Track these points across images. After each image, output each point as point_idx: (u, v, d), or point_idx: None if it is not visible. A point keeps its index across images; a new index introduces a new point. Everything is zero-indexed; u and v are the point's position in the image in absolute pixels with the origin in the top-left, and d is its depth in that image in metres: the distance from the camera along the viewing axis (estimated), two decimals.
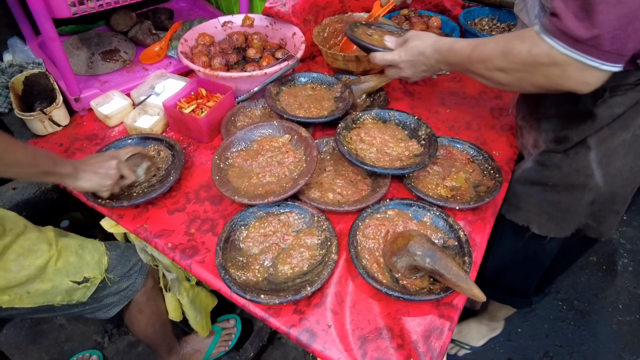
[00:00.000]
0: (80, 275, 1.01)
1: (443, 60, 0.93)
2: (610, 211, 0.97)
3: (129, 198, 1.00)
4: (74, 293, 1.02)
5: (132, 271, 1.13)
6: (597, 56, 0.65)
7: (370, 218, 0.95)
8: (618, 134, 0.87)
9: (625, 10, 0.61)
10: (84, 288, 1.03)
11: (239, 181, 1.00)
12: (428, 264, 0.80)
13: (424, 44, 0.96)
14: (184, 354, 1.52)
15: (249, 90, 1.24)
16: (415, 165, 0.99)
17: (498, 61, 0.79)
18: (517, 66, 0.76)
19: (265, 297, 0.80)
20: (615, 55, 0.65)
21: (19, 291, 0.96)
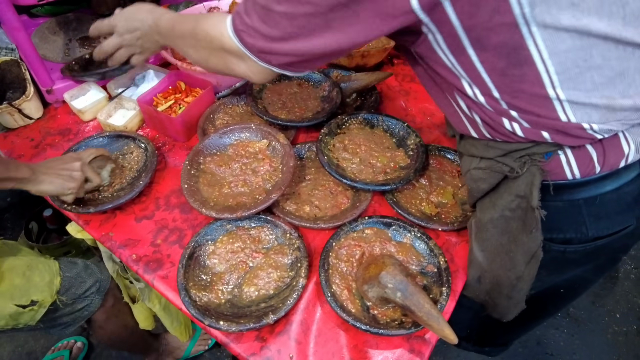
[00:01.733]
0: (27, 298, 0.95)
1: (155, 27, 0.84)
2: (500, 294, 0.84)
3: (96, 203, 0.95)
4: (19, 317, 0.96)
5: (89, 292, 1.08)
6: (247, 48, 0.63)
7: (346, 237, 0.89)
8: (487, 211, 0.77)
9: None
10: (31, 311, 0.97)
11: (209, 190, 0.94)
12: (399, 298, 0.74)
13: (138, 6, 0.88)
14: (163, 351, 1.51)
15: (230, 85, 1.17)
16: (399, 181, 0.92)
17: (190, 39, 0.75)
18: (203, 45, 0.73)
19: (225, 323, 0.75)
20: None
21: None
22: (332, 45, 0.58)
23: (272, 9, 0.56)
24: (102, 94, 1.18)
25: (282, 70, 0.66)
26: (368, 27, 0.55)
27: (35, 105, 1.16)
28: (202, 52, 0.75)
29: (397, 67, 1.36)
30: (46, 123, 1.17)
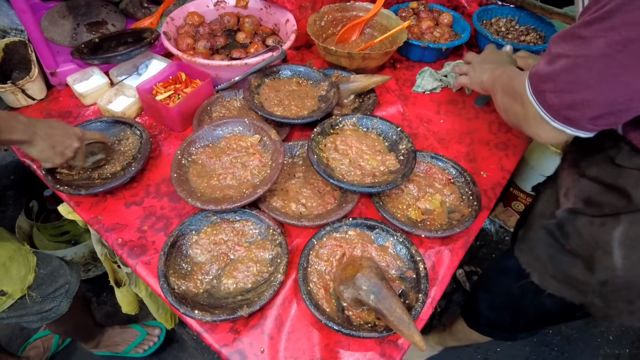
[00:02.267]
0: (1, 287, 0.97)
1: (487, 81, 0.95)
2: (622, 298, 0.83)
3: (88, 186, 0.96)
4: None
5: (58, 293, 1.10)
6: (545, 108, 0.66)
7: (329, 237, 0.89)
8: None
9: (571, 79, 0.61)
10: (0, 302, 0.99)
11: (198, 181, 0.95)
12: (372, 300, 0.74)
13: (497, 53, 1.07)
14: (104, 341, 1.56)
15: (230, 78, 1.18)
16: (386, 184, 0.92)
17: None
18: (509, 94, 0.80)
19: (199, 312, 0.76)
20: (559, 114, 0.65)
21: None
22: None
23: None
24: (105, 80, 1.20)
25: (579, 130, 0.66)
26: None
27: (38, 87, 1.18)
28: (505, 100, 0.81)
29: (399, 72, 1.36)
30: (48, 105, 1.20)
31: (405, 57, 1.41)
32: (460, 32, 1.41)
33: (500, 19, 1.48)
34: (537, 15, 1.43)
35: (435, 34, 1.38)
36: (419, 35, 1.38)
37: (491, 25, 1.47)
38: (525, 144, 1.18)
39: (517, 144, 1.17)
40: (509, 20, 1.48)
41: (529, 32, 1.43)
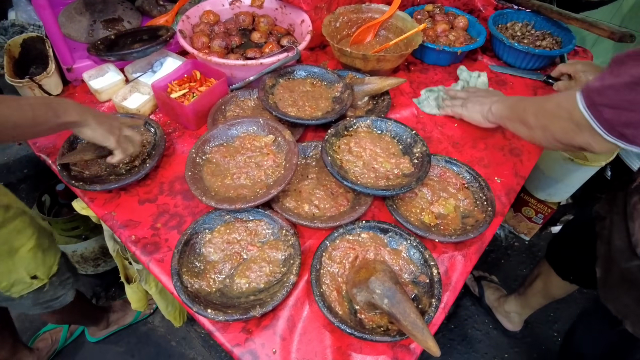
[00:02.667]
0: (35, 272, 1.03)
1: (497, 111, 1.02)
2: None
3: (103, 182, 0.97)
4: (15, 285, 1.03)
5: (66, 283, 1.18)
6: (599, 122, 0.69)
7: (341, 239, 0.89)
8: None
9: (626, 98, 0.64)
10: (26, 285, 1.05)
11: (212, 180, 0.96)
12: (385, 304, 0.74)
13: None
14: (112, 319, 1.67)
15: (244, 78, 1.18)
16: (400, 188, 0.92)
17: None
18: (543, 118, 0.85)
19: (212, 312, 0.76)
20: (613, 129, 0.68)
21: None
22: None
23: None
24: (120, 77, 1.20)
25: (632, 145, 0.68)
26: None
27: (55, 82, 1.19)
28: (543, 120, 0.85)
29: (413, 74, 1.35)
30: None
31: (420, 59, 1.40)
32: (476, 35, 1.40)
33: (515, 23, 1.47)
34: (553, 20, 1.42)
35: (450, 37, 1.38)
36: (434, 38, 1.38)
37: (507, 29, 1.46)
38: (539, 150, 1.17)
39: (531, 150, 1.16)
40: (524, 24, 1.47)
41: (545, 37, 1.42)
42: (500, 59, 1.42)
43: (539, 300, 1.57)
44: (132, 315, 1.73)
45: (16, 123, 0.72)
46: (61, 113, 0.79)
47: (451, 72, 1.36)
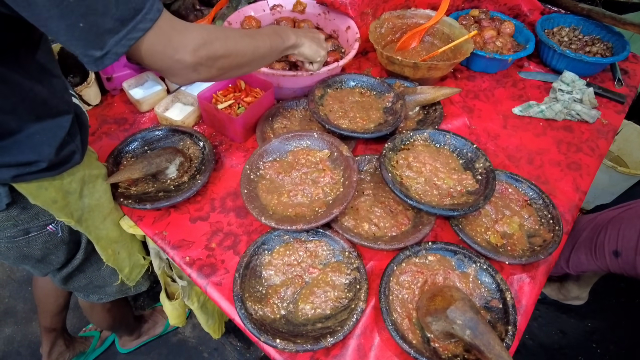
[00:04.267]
0: (143, 252, 1.10)
1: None
2: None
3: (153, 200, 0.93)
4: (134, 270, 1.09)
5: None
6: None
7: (408, 262, 0.85)
8: None
9: None
10: (141, 267, 1.10)
11: (268, 197, 0.92)
12: (468, 336, 0.70)
13: None
14: (144, 330, 1.65)
15: (291, 87, 1.13)
16: (468, 207, 0.87)
17: None
18: None
19: (282, 342, 0.73)
20: None
21: (116, 248, 1.00)
22: None
23: None
24: (160, 86, 1.16)
25: None
26: None
27: (94, 92, 1.15)
28: None
29: (460, 82, 1.31)
30: (102, 110, 1.17)
31: (466, 66, 1.36)
32: (523, 41, 1.35)
33: (562, 27, 1.42)
34: (603, 24, 1.37)
35: (498, 44, 1.33)
36: (482, 45, 1.33)
37: (553, 34, 1.41)
38: (597, 162, 1.13)
39: (589, 163, 1.12)
40: (572, 29, 1.42)
41: (594, 42, 1.37)
42: (548, 65, 1.37)
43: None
44: (162, 325, 1.70)
45: (263, 53, 0.82)
46: (285, 38, 0.90)
47: (499, 80, 1.32)
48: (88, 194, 0.90)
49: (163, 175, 0.98)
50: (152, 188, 0.98)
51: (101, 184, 0.92)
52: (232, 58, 0.75)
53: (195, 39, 0.67)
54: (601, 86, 1.31)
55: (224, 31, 0.75)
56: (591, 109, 1.21)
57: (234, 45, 0.74)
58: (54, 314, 1.42)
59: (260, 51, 0.81)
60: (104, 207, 0.94)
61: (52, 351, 1.52)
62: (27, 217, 0.84)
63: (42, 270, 1.02)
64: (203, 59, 0.68)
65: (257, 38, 0.81)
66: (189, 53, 0.66)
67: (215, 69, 0.73)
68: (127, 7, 0.57)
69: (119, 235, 1.01)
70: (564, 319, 1.82)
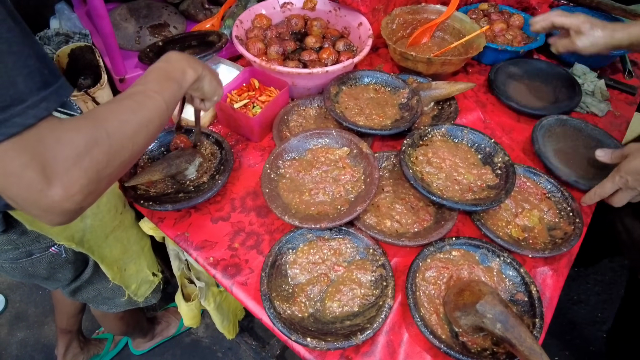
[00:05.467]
0: (153, 269, 1.11)
1: None
2: None
3: (173, 201, 0.93)
4: (142, 286, 1.09)
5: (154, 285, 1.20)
6: None
7: (432, 258, 0.85)
8: None
9: None
10: (149, 283, 1.11)
11: (289, 196, 0.92)
12: (498, 329, 0.70)
13: None
14: (157, 331, 1.67)
15: (305, 86, 1.13)
16: (490, 202, 0.88)
17: None
18: None
19: (312, 340, 0.73)
20: None
21: (122, 265, 1.03)
22: None
23: None
24: None
25: None
26: None
27: (107, 94, 1.14)
28: None
29: (472, 76, 1.31)
30: None
31: (477, 60, 1.36)
32: (533, 34, 1.36)
33: None
34: (612, 16, 1.37)
35: (507, 37, 1.33)
36: (492, 38, 1.33)
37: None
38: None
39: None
40: None
41: None
42: (558, 58, 1.37)
43: None
44: (175, 326, 1.71)
45: (158, 122, 0.62)
46: (182, 80, 0.70)
47: None
48: (90, 215, 0.89)
49: (182, 176, 0.98)
50: (171, 189, 0.98)
51: (105, 203, 0.90)
52: (120, 157, 0.55)
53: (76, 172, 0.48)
54: (612, 78, 1.31)
55: (98, 121, 0.53)
56: (601, 102, 1.21)
57: (117, 139, 0.54)
58: (70, 316, 1.42)
59: (155, 122, 0.61)
60: (107, 226, 0.93)
61: (67, 353, 1.52)
62: (28, 241, 0.83)
63: (52, 286, 1.02)
64: (84, 185, 0.49)
65: (144, 106, 0.60)
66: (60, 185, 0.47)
67: (104, 185, 0.55)
68: None
69: (122, 252, 1.01)
70: (574, 310, 1.83)
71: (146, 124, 0.59)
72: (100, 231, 0.92)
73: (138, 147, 0.59)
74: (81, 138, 0.50)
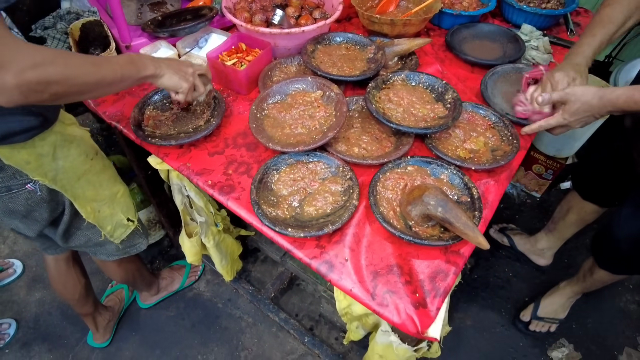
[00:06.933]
0: (128, 215, 1.21)
1: (619, 110, 0.98)
2: None
3: (176, 138, 1.11)
4: (117, 229, 1.20)
5: (143, 231, 1.35)
6: None
7: (391, 172, 1.03)
8: None
9: None
10: (125, 227, 1.21)
11: (273, 130, 1.10)
12: (440, 212, 0.88)
13: (586, 103, 1.00)
14: (162, 285, 1.82)
15: (286, 46, 1.31)
16: (438, 127, 1.06)
17: None
18: None
19: (292, 230, 0.91)
20: None
21: (96, 206, 1.14)
22: None
23: None
24: (172, 51, 1.34)
25: None
26: None
27: None
28: None
29: (434, 38, 1.50)
30: None
31: (437, 25, 1.55)
32: (486, 1, 1.54)
33: None
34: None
35: (464, 4, 1.52)
36: (449, 5, 1.52)
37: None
38: None
39: None
40: None
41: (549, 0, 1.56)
42: (510, 21, 1.56)
43: (572, 230, 1.78)
44: (179, 282, 1.87)
45: (110, 81, 0.84)
46: (141, 68, 0.91)
47: None
48: (62, 157, 1.01)
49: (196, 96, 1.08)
50: (173, 131, 1.16)
51: (75, 147, 1.03)
52: (69, 86, 0.74)
53: (25, 60, 0.65)
54: (556, 36, 1.50)
55: (65, 57, 0.72)
56: (544, 54, 1.40)
57: (73, 72, 0.73)
58: (81, 300, 1.53)
59: (107, 80, 0.82)
60: (78, 169, 1.06)
61: (98, 327, 1.67)
62: (6, 176, 0.96)
63: (32, 227, 1.11)
64: (32, 83, 0.67)
65: (104, 67, 0.81)
66: (13, 74, 0.64)
67: (48, 94, 0.71)
68: None
69: (95, 194, 1.12)
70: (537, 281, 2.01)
71: (100, 77, 0.80)
72: (72, 172, 1.04)
73: (87, 88, 0.79)
74: (40, 55, 0.69)
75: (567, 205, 1.73)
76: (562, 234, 1.84)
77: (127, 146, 1.42)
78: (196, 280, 1.92)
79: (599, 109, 1.00)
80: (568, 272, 1.82)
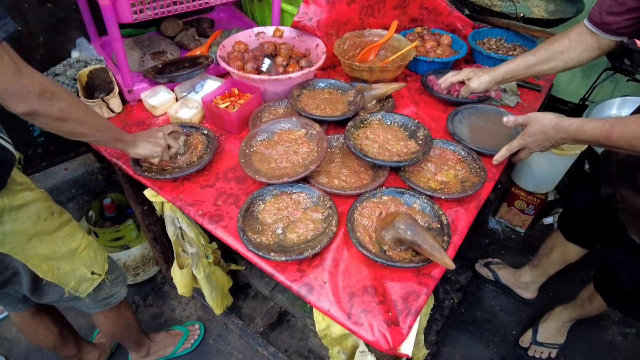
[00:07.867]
0: (92, 269, 1.22)
1: (570, 138, 1.08)
2: None
3: (170, 172, 1.20)
4: (81, 284, 1.20)
5: (119, 280, 1.36)
6: None
7: (368, 201, 1.12)
8: None
9: None
10: (90, 281, 1.22)
11: (260, 165, 1.19)
12: (409, 235, 0.96)
13: (544, 127, 1.12)
14: (153, 348, 1.73)
15: (274, 91, 1.44)
16: (410, 160, 1.16)
17: None
18: None
19: (275, 254, 0.98)
20: None
21: (53, 264, 1.13)
22: None
23: None
24: (171, 95, 1.46)
25: None
26: None
27: (117, 102, 1.45)
28: None
29: (410, 83, 1.64)
30: (125, 116, 1.46)
31: (414, 71, 1.69)
32: (458, 49, 1.70)
33: (490, 38, 1.78)
34: (521, 34, 1.72)
35: (438, 52, 1.67)
36: (424, 53, 1.67)
37: (484, 44, 1.76)
38: None
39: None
40: (498, 39, 1.77)
41: (515, 48, 1.72)
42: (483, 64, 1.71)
43: (556, 268, 1.84)
44: (172, 348, 1.80)
45: (101, 127, 1.03)
46: (119, 132, 1.11)
47: None
48: (10, 221, 1.00)
49: (175, 157, 1.25)
50: (168, 167, 1.26)
51: (26, 211, 1.03)
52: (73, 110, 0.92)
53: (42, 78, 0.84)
54: (522, 80, 1.64)
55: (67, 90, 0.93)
56: (511, 95, 1.53)
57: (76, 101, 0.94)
58: (59, 347, 1.52)
59: (96, 125, 1.02)
60: (28, 230, 1.04)
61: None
62: None
63: None
64: (48, 92, 0.85)
65: (101, 119, 1.07)
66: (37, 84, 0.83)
67: (56, 109, 0.87)
68: None
69: (50, 252, 1.10)
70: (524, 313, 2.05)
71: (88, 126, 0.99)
72: (21, 235, 1.03)
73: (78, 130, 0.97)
74: (49, 84, 0.86)
75: (552, 244, 1.80)
76: (545, 270, 1.90)
77: (125, 182, 1.52)
78: (191, 351, 1.85)
79: (554, 134, 1.11)
80: (554, 305, 1.86)
